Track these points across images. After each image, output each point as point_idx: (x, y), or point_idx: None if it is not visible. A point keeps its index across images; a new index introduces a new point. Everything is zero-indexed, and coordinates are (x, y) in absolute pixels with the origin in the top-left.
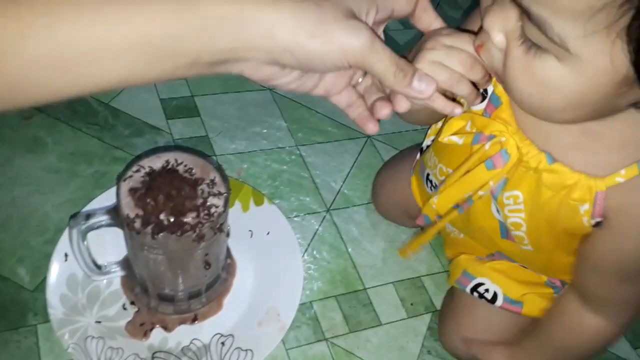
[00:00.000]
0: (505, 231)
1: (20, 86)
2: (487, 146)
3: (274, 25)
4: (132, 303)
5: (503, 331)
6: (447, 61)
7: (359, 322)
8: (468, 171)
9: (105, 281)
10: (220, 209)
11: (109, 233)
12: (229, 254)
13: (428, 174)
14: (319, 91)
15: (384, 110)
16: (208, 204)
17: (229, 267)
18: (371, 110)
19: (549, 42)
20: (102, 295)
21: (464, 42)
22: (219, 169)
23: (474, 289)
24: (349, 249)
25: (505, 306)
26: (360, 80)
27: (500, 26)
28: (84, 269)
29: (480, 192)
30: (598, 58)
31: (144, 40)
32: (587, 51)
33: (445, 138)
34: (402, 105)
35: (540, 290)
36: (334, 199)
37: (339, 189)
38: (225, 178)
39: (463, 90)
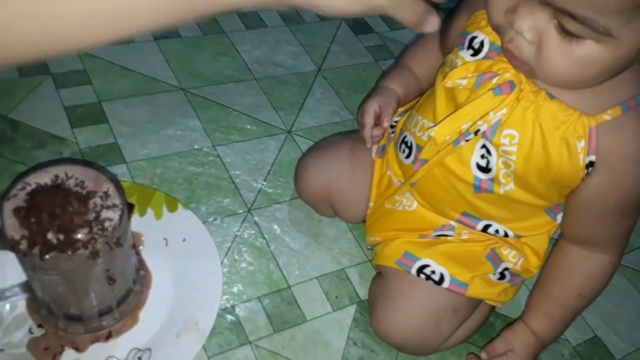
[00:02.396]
0: (479, 186)
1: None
2: (494, 80)
3: None
4: (40, 326)
5: (440, 312)
6: None
7: (283, 321)
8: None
9: (8, 306)
10: (116, 222)
11: (10, 256)
12: (142, 265)
13: (405, 137)
14: None
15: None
16: (101, 218)
17: (143, 279)
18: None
19: (592, 32)
20: (5, 321)
21: None
22: (114, 180)
23: (420, 270)
24: (271, 248)
25: (452, 287)
26: None
27: (531, 25)
28: None
29: (479, 122)
30: (634, 35)
31: None
32: (627, 33)
33: (449, 82)
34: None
35: (482, 271)
36: (255, 199)
37: (260, 188)
38: (120, 189)
39: None
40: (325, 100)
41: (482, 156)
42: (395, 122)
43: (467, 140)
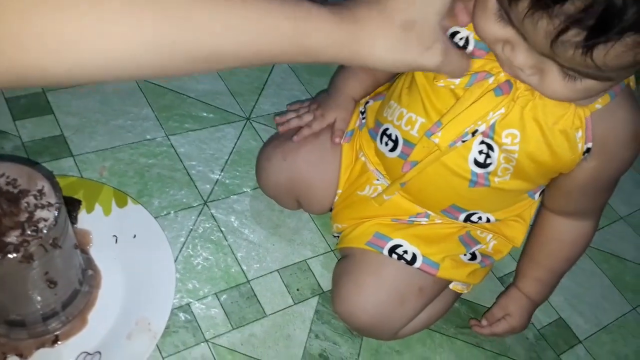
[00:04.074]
0: (475, 181)
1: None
2: (490, 80)
3: (370, 51)
4: None
5: (406, 290)
6: None
7: (242, 317)
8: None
9: None
10: (51, 223)
11: None
12: (90, 265)
13: (386, 129)
14: None
15: None
16: (35, 218)
17: (91, 279)
18: None
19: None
20: None
21: None
22: (49, 177)
23: (392, 250)
24: (229, 242)
25: (424, 267)
26: None
27: (532, 64)
28: None
29: (479, 122)
30: (630, 71)
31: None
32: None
33: (440, 82)
34: None
35: (454, 252)
36: (212, 190)
37: (217, 179)
38: (56, 187)
39: None
40: (285, 85)
41: (481, 152)
42: (364, 107)
43: (464, 141)
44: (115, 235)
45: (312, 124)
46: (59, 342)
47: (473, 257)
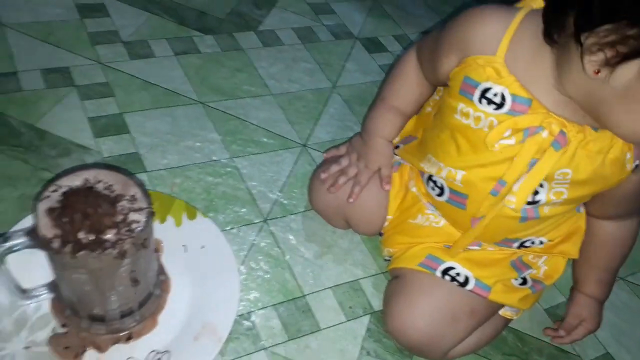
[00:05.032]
0: (525, 217)
1: None
2: (544, 135)
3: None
4: (64, 325)
5: (458, 311)
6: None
7: (298, 329)
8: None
9: (33, 305)
10: (142, 225)
11: (36, 256)
12: (162, 271)
13: (430, 176)
14: None
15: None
16: (129, 220)
17: (163, 283)
18: None
19: None
20: (30, 321)
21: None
22: (140, 185)
23: (445, 272)
24: (287, 257)
25: (476, 290)
26: None
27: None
28: (7, 293)
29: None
30: None
31: None
32: None
33: (495, 145)
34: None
35: (505, 276)
36: (271, 209)
37: (276, 199)
38: (146, 193)
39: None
40: (339, 115)
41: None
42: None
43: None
44: (184, 245)
45: (360, 178)
46: (132, 340)
47: (524, 281)
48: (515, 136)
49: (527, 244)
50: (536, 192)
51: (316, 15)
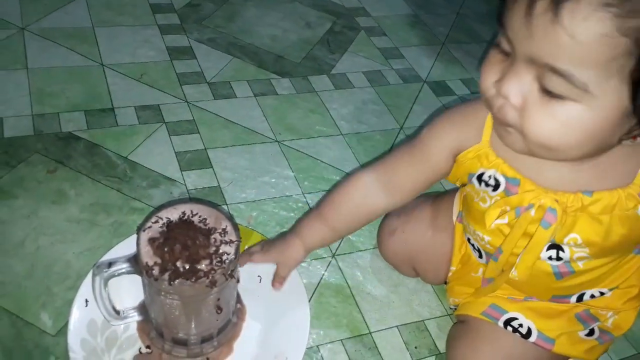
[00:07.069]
0: (558, 272)
1: None
2: (532, 213)
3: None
4: (148, 347)
5: None
6: None
7: None
8: (525, 233)
9: (122, 326)
10: (232, 256)
11: (125, 280)
12: (238, 299)
13: (469, 238)
14: None
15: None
16: (220, 251)
17: (239, 311)
18: None
19: (572, 89)
20: (119, 340)
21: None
22: (230, 218)
23: (507, 322)
24: (354, 294)
25: (539, 342)
26: None
27: (516, 90)
28: (104, 315)
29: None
30: (610, 95)
31: None
32: (603, 91)
33: (492, 225)
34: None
35: (571, 328)
36: (339, 245)
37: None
38: (236, 227)
39: None
40: None
41: (550, 257)
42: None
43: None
44: (259, 276)
45: (254, 256)
46: None
47: (591, 332)
48: (508, 215)
49: (585, 297)
50: (557, 253)
51: (386, 60)
